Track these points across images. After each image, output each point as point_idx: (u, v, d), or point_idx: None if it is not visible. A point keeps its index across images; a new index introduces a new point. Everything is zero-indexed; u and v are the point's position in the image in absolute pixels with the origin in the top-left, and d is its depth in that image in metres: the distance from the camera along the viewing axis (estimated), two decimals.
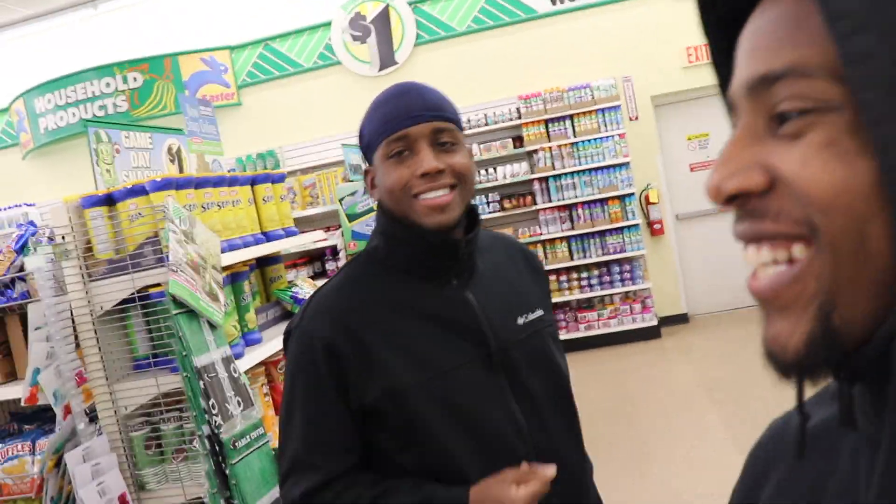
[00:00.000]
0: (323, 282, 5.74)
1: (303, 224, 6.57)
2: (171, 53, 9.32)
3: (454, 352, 1.42)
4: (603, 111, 7.77)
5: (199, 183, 2.50)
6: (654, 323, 7.57)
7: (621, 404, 5.72)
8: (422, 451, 1.40)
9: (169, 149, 3.11)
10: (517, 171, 8.01)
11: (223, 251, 2.43)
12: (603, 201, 7.74)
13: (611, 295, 7.82)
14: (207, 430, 2.04)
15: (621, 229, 7.73)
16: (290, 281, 3.18)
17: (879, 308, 0.47)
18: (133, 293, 2.27)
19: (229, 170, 8.51)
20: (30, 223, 2.60)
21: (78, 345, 2.32)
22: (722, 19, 0.61)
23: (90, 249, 2.32)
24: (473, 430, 1.40)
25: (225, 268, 2.45)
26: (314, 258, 6.12)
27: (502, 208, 8.12)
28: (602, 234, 7.77)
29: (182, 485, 2.27)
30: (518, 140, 8.14)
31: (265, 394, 2.73)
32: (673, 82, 7.96)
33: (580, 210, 7.81)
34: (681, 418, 5.26)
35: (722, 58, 0.62)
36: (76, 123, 9.48)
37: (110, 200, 2.34)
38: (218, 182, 2.61)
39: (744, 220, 0.52)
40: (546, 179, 7.89)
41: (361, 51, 8.82)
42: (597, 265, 7.83)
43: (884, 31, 0.43)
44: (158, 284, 2.24)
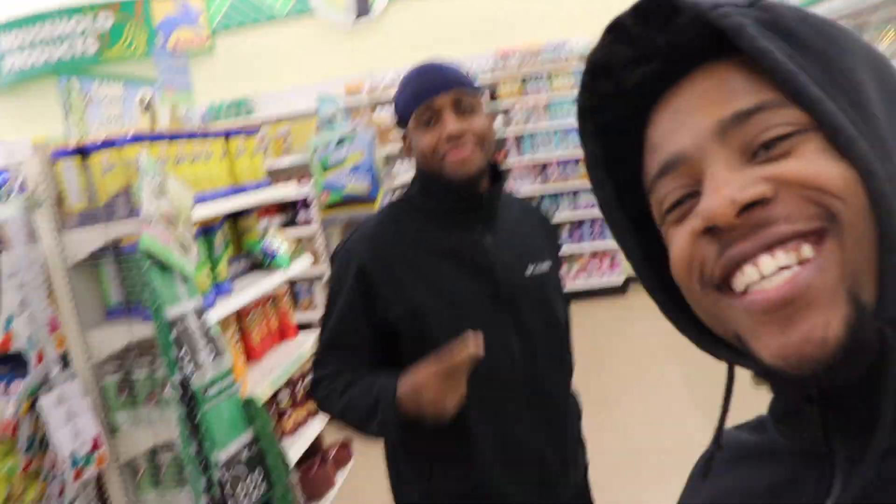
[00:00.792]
0: (295, 229, 5.78)
1: (276, 174, 6.56)
2: None
3: (466, 285, 1.69)
4: (580, 72, 7.78)
5: (172, 137, 2.53)
6: (622, 281, 7.73)
7: (586, 358, 5.79)
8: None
9: (141, 100, 3.12)
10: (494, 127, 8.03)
11: (195, 203, 2.48)
12: (577, 161, 7.81)
13: (580, 252, 7.94)
14: (179, 378, 2.11)
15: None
16: (263, 233, 3.23)
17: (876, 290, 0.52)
18: (106, 243, 2.32)
19: (201, 116, 8.42)
20: (1, 171, 2.62)
21: (51, 293, 2.36)
22: (599, 127, 0.66)
23: (62, 200, 2.36)
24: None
25: (197, 221, 2.50)
26: (285, 207, 6.15)
27: None
28: (574, 194, 7.86)
29: (154, 428, 2.35)
30: (493, 94, 8.14)
31: (236, 341, 2.81)
32: None
33: (553, 168, 7.87)
34: (643, 374, 5.41)
35: (603, 160, 0.67)
36: (42, 65, 9.29)
37: (82, 152, 2.36)
38: (191, 136, 2.64)
39: (747, 237, 0.53)
40: (520, 137, 7.92)
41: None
42: (568, 223, 7.92)
43: (826, 81, 0.53)
44: (130, 235, 2.29)
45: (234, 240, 3.12)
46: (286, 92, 8.80)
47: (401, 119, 1.76)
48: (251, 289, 2.80)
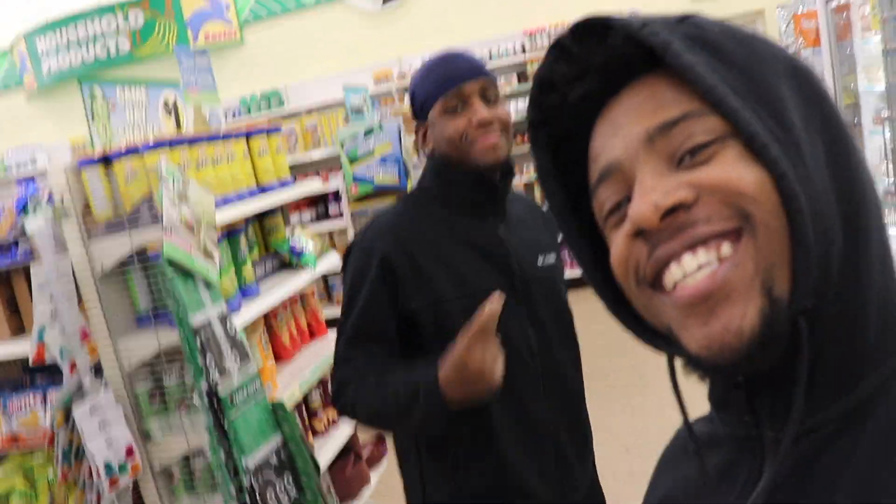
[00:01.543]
0: (327, 223, 5.79)
1: (306, 167, 6.58)
2: None
3: (486, 276, 1.70)
4: None
5: (193, 141, 2.53)
6: None
7: (620, 338, 5.80)
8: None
9: (165, 103, 3.12)
10: (522, 108, 7.95)
11: (218, 207, 2.48)
12: None
13: None
14: (205, 387, 2.12)
15: None
16: (290, 233, 3.22)
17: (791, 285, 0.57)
18: (132, 251, 2.33)
19: (234, 110, 8.47)
20: (30, 181, 2.64)
21: (81, 302, 2.39)
22: (549, 138, 0.71)
23: (89, 210, 2.37)
24: None
25: (221, 224, 2.50)
26: (316, 201, 6.17)
27: None
28: None
29: (186, 435, 2.37)
30: (523, 76, 8.06)
31: (264, 344, 2.81)
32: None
33: None
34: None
35: (553, 170, 0.72)
36: (79, 66, 9.42)
37: (106, 160, 2.37)
38: (212, 138, 2.63)
39: (673, 237, 0.58)
40: None
41: None
42: None
43: (746, 91, 0.58)
44: (155, 242, 2.30)
45: (261, 240, 3.12)
46: (316, 81, 8.82)
47: (421, 108, 1.75)
48: (279, 289, 2.80)
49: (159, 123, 3.05)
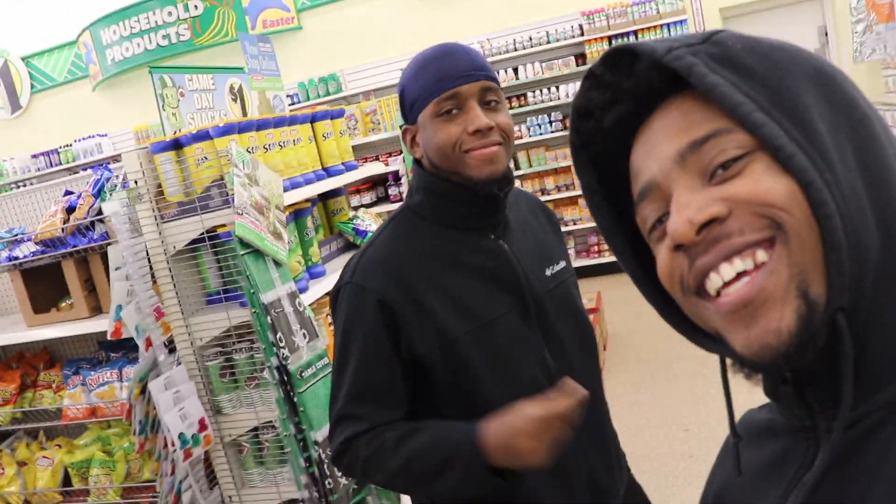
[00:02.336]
0: (387, 205, 5.82)
1: (365, 150, 6.65)
2: None
3: (495, 302, 1.51)
4: (668, 26, 7.55)
5: (261, 125, 2.59)
6: None
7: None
8: (466, 400, 1.49)
9: (231, 88, 3.20)
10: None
11: (286, 190, 2.54)
12: None
13: None
14: (276, 362, 2.19)
15: None
16: (353, 214, 3.28)
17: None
18: (202, 233, 2.41)
19: (292, 95, 8.59)
20: (105, 167, 2.75)
21: (155, 282, 2.48)
22: (592, 159, 0.76)
23: (161, 193, 2.46)
24: (511, 377, 1.50)
25: (288, 205, 2.56)
26: (377, 183, 6.24)
27: (564, 127, 8.04)
28: None
29: (255, 409, 2.45)
30: (581, 58, 7.99)
31: (330, 323, 2.87)
32: None
33: None
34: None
35: (598, 188, 0.76)
36: (141, 54, 9.65)
37: (178, 145, 2.45)
38: (278, 122, 2.69)
39: (709, 250, 0.62)
40: None
41: None
42: None
43: (770, 104, 0.61)
44: (225, 225, 2.37)
45: (325, 221, 3.19)
46: (373, 65, 8.87)
47: (411, 108, 1.54)
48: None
49: (226, 108, 3.13)
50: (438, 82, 1.46)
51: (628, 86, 0.69)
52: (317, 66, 9.20)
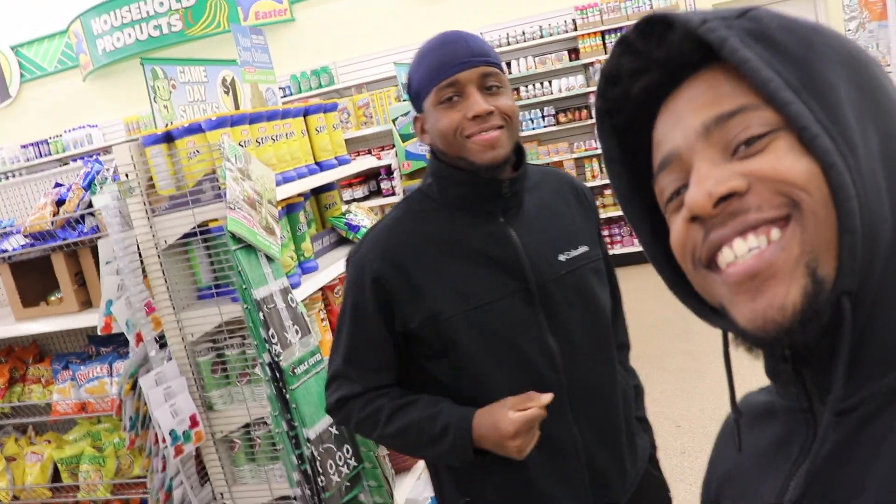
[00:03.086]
0: (380, 199, 5.81)
1: (357, 144, 6.62)
2: None
3: (494, 285, 1.56)
4: None
5: (253, 118, 2.56)
6: None
7: (674, 319, 5.77)
8: (458, 372, 1.58)
9: (223, 80, 3.17)
10: (573, 85, 7.88)
11: (278, 184, 2.52)
12: None
13: None
14: (268, 358, 2.17)
15: None
16: (346, 208, 3.26)
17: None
18: (194, 227, 2.38)
19: (284, 87, 8.54)
20: (96, 160, 2.71)
21: (145, 276, 2.45)
22: (615, 126, 0.76)
23: (152, 186, 2.43)
24: (506, 358, 1.56)
25: (280, 200, 2.54)
26: (369, 177, 6.21)
27: (557, 122, 8.03)
28: None
29: (247, 405, 2.43)
30: (574, 52, 7.98)
31: (322, 319, 2.86)
32: None
33: None
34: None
35: (619, 155, 0.77)
36: (133, 44, 9.58)
37: (169, 138, 2.42)
38: (271, 116, 2.67)
39: (725, 223, 0.62)
40: None
41: None
42: None
43: (800, 83, 0.61)
44: (217, 219, 2.35)
45: (318, 216, 3.16)
46: (366, 58, 8.83)
47: (416, 97, 1.60)
48: (337, 264, 2.84)
49: (218, 101, 3.10)
50: (438, 70, 1.51)
51: (659, 55, 0.69)
52: (309, 59, 9.15)
